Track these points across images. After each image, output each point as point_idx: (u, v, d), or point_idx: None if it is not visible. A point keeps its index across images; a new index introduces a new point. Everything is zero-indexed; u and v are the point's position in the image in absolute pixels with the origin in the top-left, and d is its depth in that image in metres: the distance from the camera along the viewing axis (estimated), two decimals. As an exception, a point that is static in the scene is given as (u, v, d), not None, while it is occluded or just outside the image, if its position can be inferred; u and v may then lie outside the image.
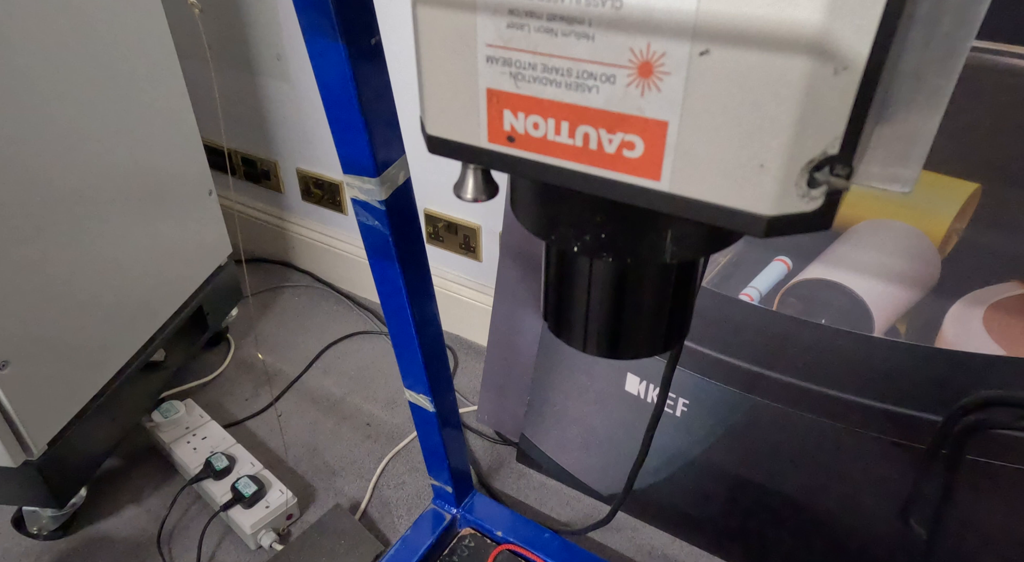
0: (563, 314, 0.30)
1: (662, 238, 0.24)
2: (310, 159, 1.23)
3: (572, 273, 0.27)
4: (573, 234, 0.25)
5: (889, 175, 0.20)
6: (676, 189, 0.21)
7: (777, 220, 0.20)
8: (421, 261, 0.56)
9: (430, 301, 0.60)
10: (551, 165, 0.23)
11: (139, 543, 0.83)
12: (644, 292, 0.27)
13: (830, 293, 0.69)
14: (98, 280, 0.80)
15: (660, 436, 0.83)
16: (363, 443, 0.99)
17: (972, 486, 0.65)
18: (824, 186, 0.19)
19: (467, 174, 0.26)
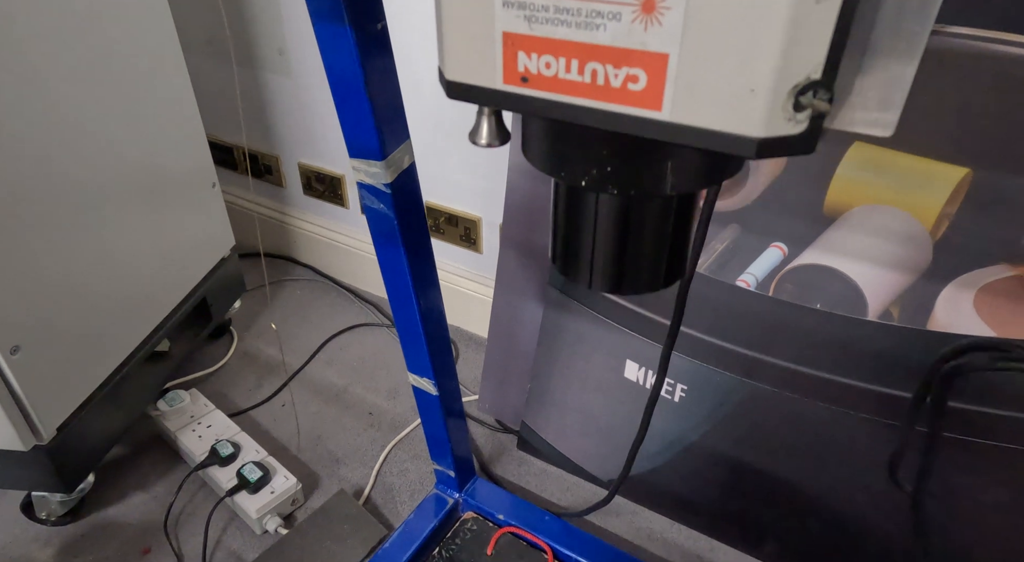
0: (570, 253, 0.32)
1: (663, 169, 0.26)
2: (311, 153, 1.24)
3: (579, 211, 0.29)
4: (581, 169, 0.27)
5: (872, 120, 0.22)
6: (676, 117, 0.23)
7: (766, 142, 0.22)
8: (425, 244, 0.58)
9: (434, 285, 0.62)
10: (562, 102, 0.25)
11: (146, 528, 0.84)
12: (646, 226, 0.29)
13: (825, 278, 0.70)
14: (104, 271, 0.82)
15: (659, 422, 0.84)
16: (366, 431, 1.00)
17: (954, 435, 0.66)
18: (808, 109, 0.21)
19: (481, 121, 0.28)
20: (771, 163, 0.70)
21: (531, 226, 0.90)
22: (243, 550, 0.81)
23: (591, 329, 0.86)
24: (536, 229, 0.90)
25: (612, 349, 0.86)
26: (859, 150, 0.65)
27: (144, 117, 0.86)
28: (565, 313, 0.88)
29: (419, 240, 0.57)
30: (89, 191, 0.78)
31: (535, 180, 0.87)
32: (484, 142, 0.28)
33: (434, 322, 0.64)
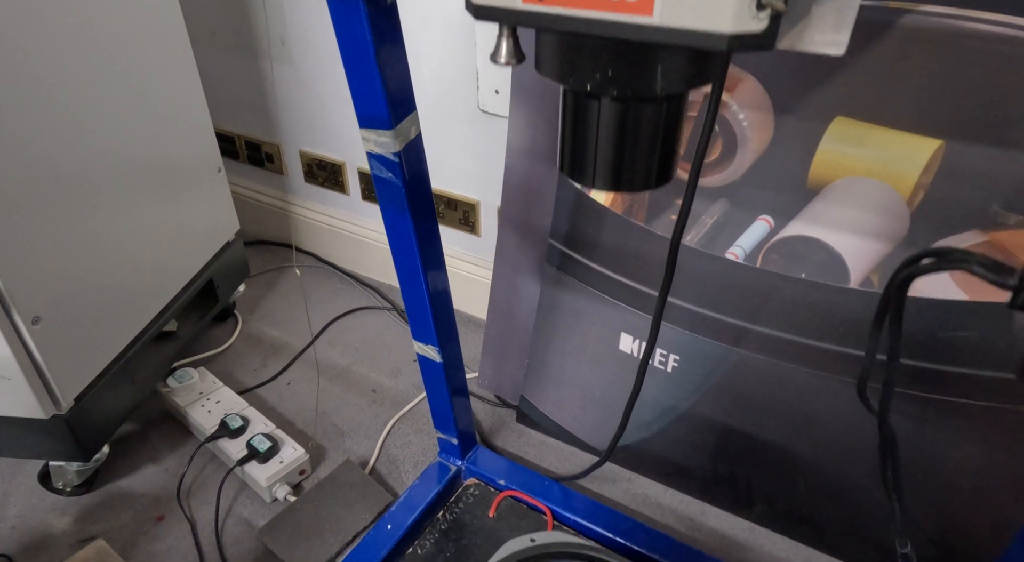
0: (576, 157, 0.38)
1: (654, 71, 0.32)
2: (312, 141, 1.27)
3: (584, 117, 0.34)
4: (587, 75, 0.33)
5: (828, 41, 0.27)
6: (664, 21, 0.29)
7: (736, 37, 0.28)
8: (430, 214, 0.61)
9: (438, 254, 0.65)
10: (571, 16, 0.31)
11: (159, 498, 0.87)
12: (640, 129, 0.34)
13: (809, 249, 0.74)
14: (117, 251, 0.85)
15: (652, 391, 0.88)
16: (369, 407, 1.03)
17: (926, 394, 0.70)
18: (768, 8, 0.27)
19: (501, 42, 0.33)
20: (758, 139, 0.73)
21: (528, 205, 0.93)
22: (254, 517, 0.84)
23: (586, 304, 0.90)
24: (533, 208, 0.93)
25: (607, 323, 0.89)
26: (840, 125, 0.68)
27: (153, 105, 0.89)
28: (561, 289, 0.92)
29: (425, 209, 0.60)
30: (101, 177, 0.81)
31: (532, 160, 0.90)
32: (503, 61, 0.33)
33: (438, 290, 0.67)
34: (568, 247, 0.89)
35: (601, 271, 0.88)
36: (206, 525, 0.83)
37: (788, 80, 0.70)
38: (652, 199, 0.82)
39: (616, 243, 0.86)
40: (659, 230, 0.83)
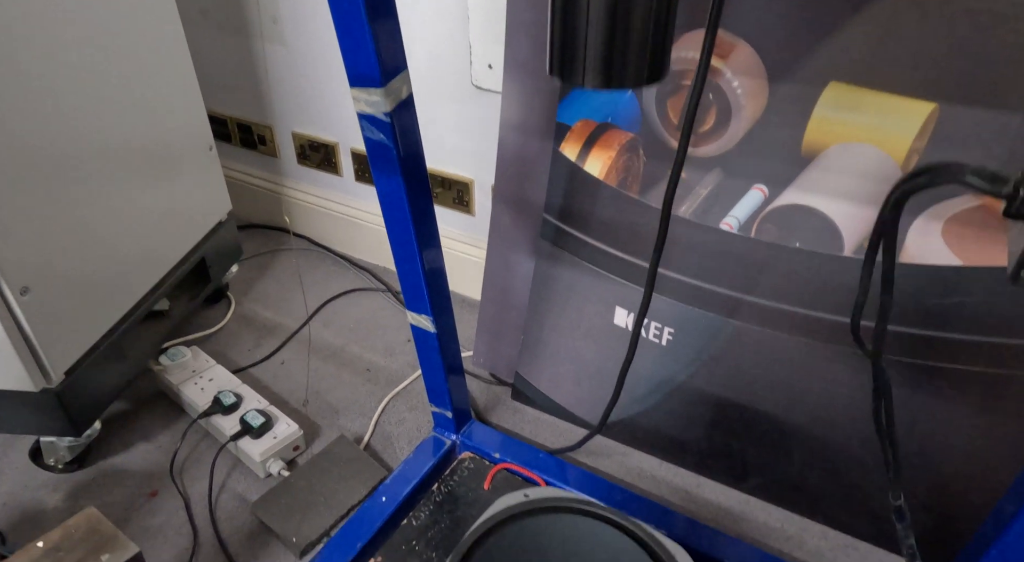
0: (566, 55, 0.37)
1: None
2: (305, 122, 1.26)
3: (573, 11, 0.33)
4: None
5: None
6: None
7: None
8: (422, 177, 0.60)
9: (431, 219, 0.64)
10: None
11: (152, 474, 0.86)
12: (631, 20, 0.32)
13: (803, 217, 0.74)
14: (108, 227, 0.84)
15: (647, 365, 0.88)
16: (364, 386, 1.03)
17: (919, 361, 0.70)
18: None
19: None
20: (752, 107, 0.73)
21: (522, 181, 0.93)
22: (248, 492, 0.84)
23: (580, 279, 0.90)
24: (527, 183, 0.92)
25: (601, 297, 0.89)
26: (834, 90, 0.68)
27: (143, 83, 0.88)
28: (556, 265, 0.91)
29: (417, 172, 0.59)
30: (90, 153, 0.80)
31: (526, 135, 0.90)
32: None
33: (432, 258, 0.66)
34: (562, 221, 0.89)
35: (595, 245, 0.87)
36: (200, 500, 0.83)
37: (782, 46, 0.70)
38: (646, 171, 0.82)
39: (610, 216, 0.85)
40: (653, 202, 0.82)
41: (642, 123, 0.80)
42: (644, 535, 0.54)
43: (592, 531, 0.53)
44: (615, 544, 0.53)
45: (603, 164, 0.84)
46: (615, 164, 0.83)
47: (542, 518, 0.54)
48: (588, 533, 0.53)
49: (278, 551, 0.77)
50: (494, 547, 0.51)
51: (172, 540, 0.78)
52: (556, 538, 0.52)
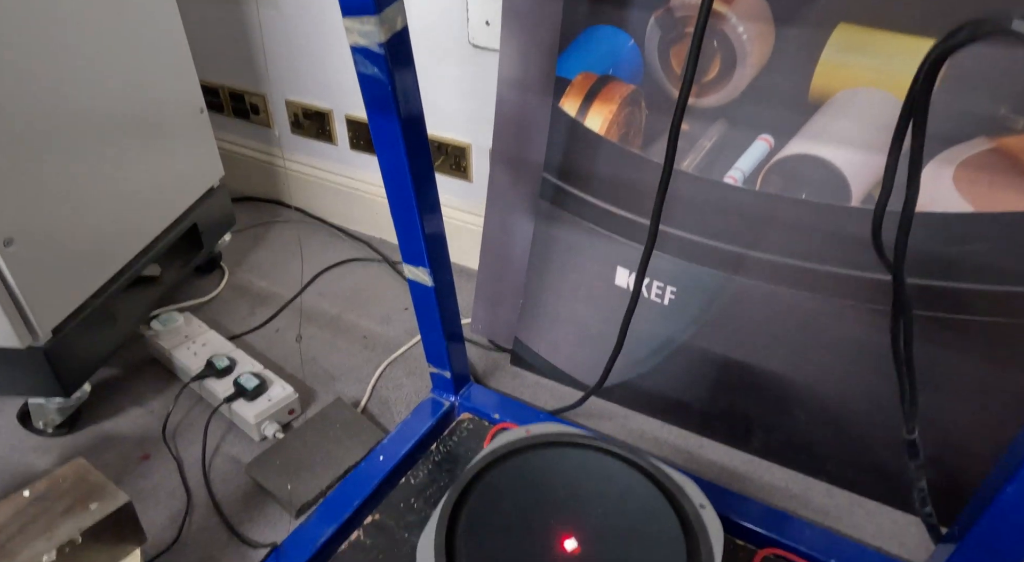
0: None
1: None
2: (299, 89, 1.24)
3: None
4: None
5: None
6: None
7: None
8: (419, 116, 0.58)
9: (427, 163, 0.62)
10: None
11: (144, 438, 0.85)
12: None
13: (810, 167, 0.72)
14: (95, 186, 0.82)
15: (649, 325, 0.86)
16: (360, 352, 1.01)
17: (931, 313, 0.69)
18: None
19: None
20: (757, 53, 0.71)
21: (521, 139, 0.91)
22: (242, 455, 0.82)
23: (581, 239, 0.88)
24: (526, 142, 0.90)
25: (602, 257, 0.87)
26: (843, 32, 0.66)
27: (132, 43, 0.86)
28: (555, 225, 0.89)
29: (413, 110, 0.57)
30: (77, 112, 0.78)
31: (525, 91, 0.88)
32: None
33: (429, 204, 0.64)
34: (562, 180, 0.87)
35: (596, 203, 0.85)
36: (193, 463, 0.81)
37: (789, -13, 0.67)
38: (649, 125, 0.80)
39: (611, 173, 0.83)
40: (655, 157, 0.80)
41: (644, 74, 0.78)
42: (651, 468, 0.52)
43: (599, 465, 0.52)
44: (623, 477, 0.51)
45: (604, 119, 0.82)
46: (616, 118, 0.81)
47: (546, 452, 0.52)
48: (594, 467, 0.52)
49: (273, 512, 0.76)
50: (495, 481, 0.50)
51: (165, 502, 0.76)
52: (561, 472, 0.50)
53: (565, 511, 0.48)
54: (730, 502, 0.71)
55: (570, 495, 0.49)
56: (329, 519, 0.67)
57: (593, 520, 0.47)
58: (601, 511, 0.48)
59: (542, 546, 0.45)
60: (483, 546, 0.45)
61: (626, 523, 0.47)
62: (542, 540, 0.46)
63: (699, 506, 0.50)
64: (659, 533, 0.47)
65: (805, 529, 0.66)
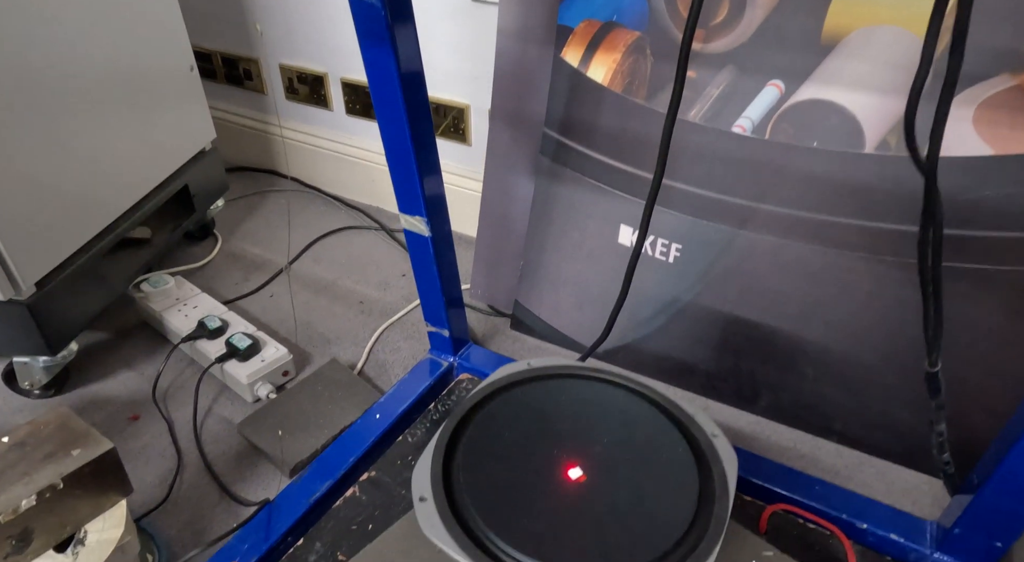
0: None
1: None
2: (293, 52, 1.20)
3: None
4: None
5: None
6: None
7: None
8: (414, 44, 0.55)
9: (423, 98, 0.59)
10: None
11: (134, 400, 0.82)
12: None
13: (822, 113, 0.69)
14: (80, 141, 0.79)
15: (652, 285, 0.83)
16: (357, 317, 0.98)
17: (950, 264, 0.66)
18: None
19: None
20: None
21: (521, 94, 0.88)
22: (234, 416, 0.80)
23: (583, 196, 0.85)
24: (526, 96, 0.88)
25: (605, 215, 0.84)
26: (859, -33, 0.63)
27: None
28: (557, 183, 0.87)
29: (408, 38, 0.54)
30: (65, 67, 0.76)
31: (525, 43, 0.85)
32: None
33: (425, 145, 0.62)
34: (563, 135, 0.84)
35: (599, 158, 0.83)
36: (184, 424, 0.79)
37: (803, -79, 0.64)
38: (654, 73, 0.77)
39: (615, 126, 0.81)
40: (660, 108, 0.78)
41: (650, 20, 0.75)
42: (660, 399, 0.50)
43: (605, 395, 0.49)
44: (630, 407, 0.49)
45: (608, 69, 0.79)
46: (620, 68, 0.79)
47: (549, 383, 0.50)
48: (600, 398, 0.49)
49: (266, 472, 0.73)
50: (495, 411, 0.47)
51: (155, 462, 0.74)
52: (565, 403, 0.48)
53: (570, 441, 0.45)
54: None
55: (575, 425, 0.46)
56: (323, 475, 0.65)
57: (599, 449, 0.45)
58: (608, 440, 0.45)
59: (546, 475, 0.43)
60: (483, 475, 0.43)
61: (634, 452, 0.45)
62: (546, 469, 0.43)
63: (711, 435, 0.47)
64: (670, 461, 0.44)
65: (815, 485, 0.64)
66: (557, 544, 0.39)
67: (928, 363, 0.46)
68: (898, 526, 0.60)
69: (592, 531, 0.40)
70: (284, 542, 0.59)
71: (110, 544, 0.50)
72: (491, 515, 0.41)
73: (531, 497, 0.42)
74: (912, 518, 0.61)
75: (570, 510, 0.41)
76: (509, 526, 0.40)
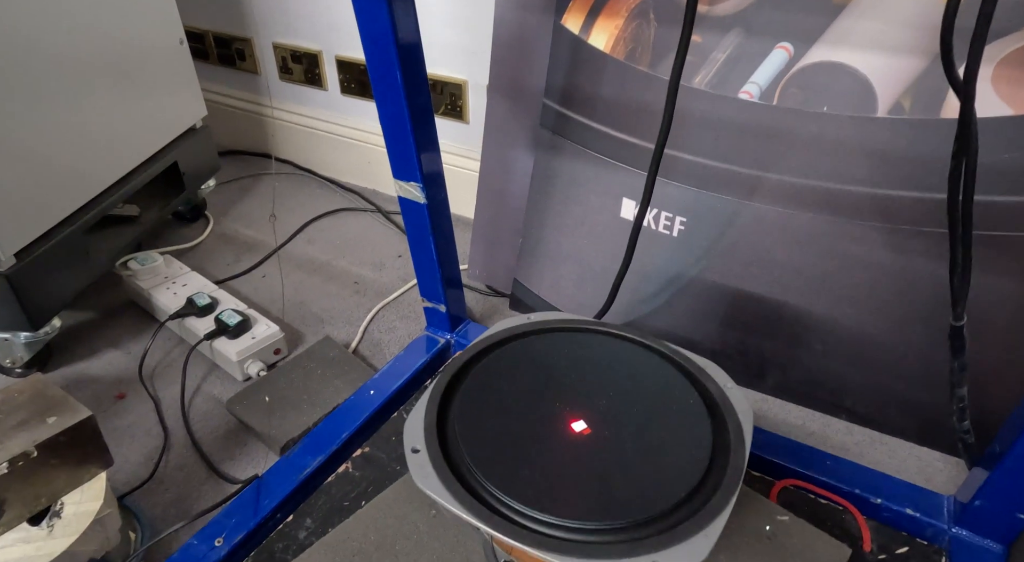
0: None
1: None
2: (286, 30, 1.18)
3: None
4: None
5: None
6: None
7: None
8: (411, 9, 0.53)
9: (419, 59, 0.57)
10: None
11: (121, 379, 0.79)
12: None
13: (833, 76, 0.67)
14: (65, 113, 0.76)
15: (656, 260, 0.81)
16: (351, 297, 0.96)
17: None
18: None
19: None
20: (777, -49, 0.65)
21: (520, 64, 0.85)
22: (224, 395, 0.77)
23: (584, 169, 0.83)
24: (526, 66, 0.85)
25: (607, 188, 0.82)
26: (872, -79, 0.61)
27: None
28: (557, 156, 0.84)
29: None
30: (50, 38, 0.73)
31: (525, 9, 0.82)
32: None
33: (420, 105, 0.59)
34: (564, 106, 0.82)
35: (600, 129, 0.80)
36: (172, 403, 0.76)
37: None
38: (658, 39, 0.74)
39: (617, 95, 0.78)
40: (665, 75, 0.75)
41: (653, -17, 0.73)
42: (669, 351, 0.47)
43: (610, 348, 0.46)
44: (638, 360, 0.46)
45: (610, 35, 0.77)
46: (623, 34, 0.76)
47: (551, 337, 0.47)
48: (606, 350, 0.46)
49: (256, 450, 0.71)
50: (494, 364, 0.44)
51: (141, 440, 0.72)
52: (568, 356, 0.44)
53: (573, 393, 0.42)
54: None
55: (579, 377, 0.43)
56: (314, 451, 0.62)
57: (605, 402, 0.41)
58: (614, 393, 0.42)
59: (548, 427, 0.39)
60: (480, 426, 0.40)
61: (643, 404, 0.41)
62: (548, 421, 0.40)
63: (724, 386, 0.45)
64: (681, 413, 0.41)
65: (826, 459, 0.62)
66: (559, 494, 0.36)
67: (953, 316, 0.43)
68: (914, 500, 0.57)
69: (598, 482, 0.37)
70: (273, 518, 0.57)
71: (88, 517, 0.48)
72: (489, 465, 0.38)
73: (532, 449, 0.39)
74: (928, 492, 0.58)
75: (574, 461, 0.38)
76: (508, 477, 0.37)
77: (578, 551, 0.34)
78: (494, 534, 0.35)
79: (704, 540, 0.35)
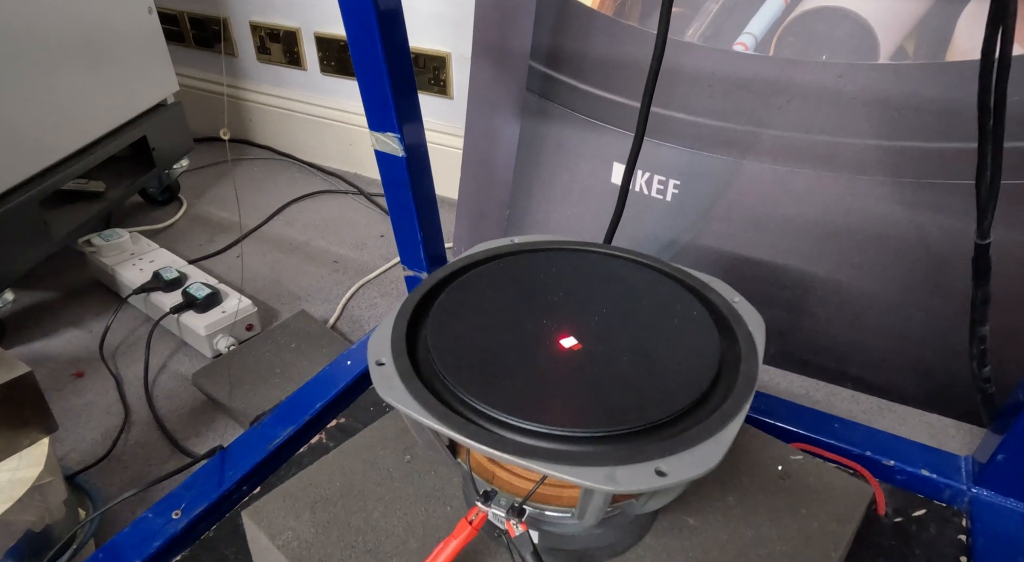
0: None
1: None
2: (263, 7, 1.14)
3: None
4: None
5: None
6: None
7: None
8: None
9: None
10: None
11: (79, 357, 0.74)
12: None
13: (831, 23, 0.64)
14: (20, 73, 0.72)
15: (649, 226, 0.77)
16: (330, 275, 0.91)
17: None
18: None
19: None
20: None
21: (505, 25, 0.82)
22: (191, 372, 0.72)
23: (573, 133, 0.79)
24: (511, 27, 0.81)
25: (597, 153, 0.78)
26: None
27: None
28: (545, 121, 0.80)
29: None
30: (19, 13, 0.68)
31: (508, -33, 0.79)
32: None
33: (396, 48, 0.55)
34: (551, 68, 0.78)
35: (589, 91, 0.77)
36: (134, 381, 0.71)
37: None
38: (647, -8, 0.71)
39: (606, 54, 0.75)
40: (655, 30, 0.72)
41: (642, -68, 0.70)
42: (669, 269, 0.43)
43: (605, 266, 0.41)
44: (635, 276, 0.41)
45: (597, -11, 0.73)
46: (611, -13, 0.73)
47: (538, 256, 0.43)
48: (599, 268, 0.41)
49: (223, 425, 0.66)
50: (474, 281, 0.39)
51: (99, 418, 0.66)
52: (557, 274, 0.39)
53: (563, 309, 0.37)
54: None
55: (569, 294, 0.38)
56: (285, 422, 0.57)
57: (599, 319, 0.36)
58: (608, 309, 0.37)
59: (534, 342, 0.35)
60: (456, 340, 0.35)
61: (642, 320, 0.37)
62: (534, 336, 0.35)
63: (731, 300, 0.41)
64: (685, 327, 0.37)
65: (834, 422, 0.58)
66: (547, 404, 0.31)
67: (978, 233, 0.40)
68: (929, 461, 0.54)
69: (590, 391, 0.32)
70: (239, 490, 0.52)
71: (24, 484, 0.43)
72: (466, 376, 0.32)
73: (515, 362, 0.34)
74: (944, 453, 0.55)
75: (564, 373, 0.33)
76: (487, 387, 0.32)
77: (568, 459, 0.29)
78: (471, 445, 0.30)
79: (715, 446, 0.30)
